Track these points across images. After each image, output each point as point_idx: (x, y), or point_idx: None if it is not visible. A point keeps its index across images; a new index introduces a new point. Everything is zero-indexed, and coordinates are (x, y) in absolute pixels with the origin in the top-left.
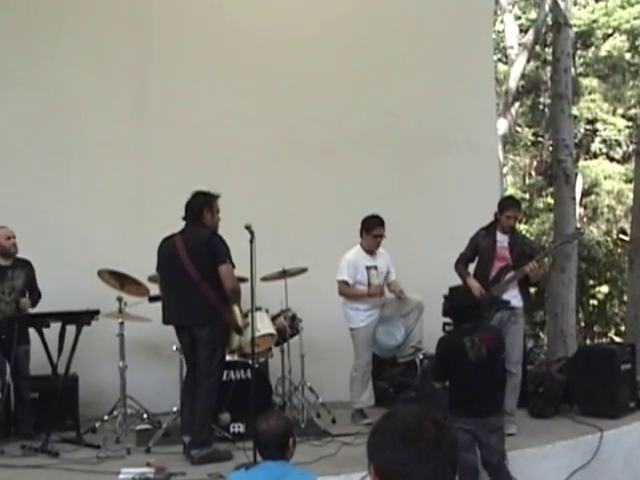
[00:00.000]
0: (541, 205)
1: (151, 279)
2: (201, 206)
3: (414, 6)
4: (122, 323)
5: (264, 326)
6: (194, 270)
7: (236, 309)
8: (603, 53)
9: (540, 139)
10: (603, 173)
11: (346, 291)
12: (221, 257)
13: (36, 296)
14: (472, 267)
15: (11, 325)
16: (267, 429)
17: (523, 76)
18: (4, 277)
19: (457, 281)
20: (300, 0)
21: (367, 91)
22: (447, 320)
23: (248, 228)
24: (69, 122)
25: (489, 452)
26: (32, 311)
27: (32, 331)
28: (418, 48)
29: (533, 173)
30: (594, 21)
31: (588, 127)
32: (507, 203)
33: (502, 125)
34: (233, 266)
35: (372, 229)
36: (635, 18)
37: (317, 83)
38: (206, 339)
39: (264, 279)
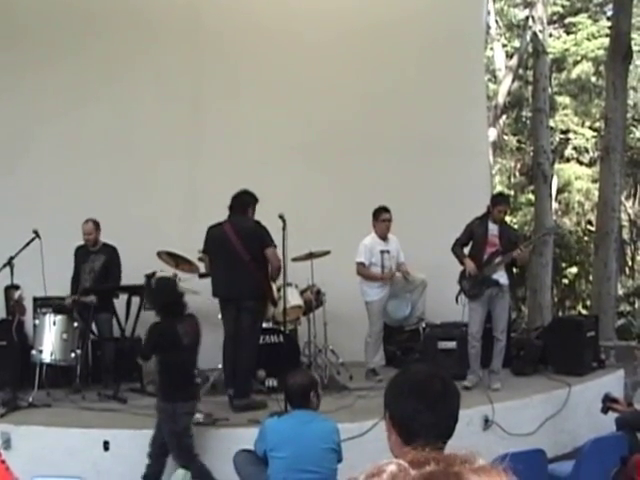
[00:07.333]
0: (523, 200)
1: (200, 259)
2: (250, 203)
3: (421, 35)
4: None
5: (294, 299)
6: (244, 252)
7: (272, 285)
8: (573, 76)
9: (523, 145)
10: (574, 174)
11: (363, 272)
12: (268, 242)
13: (112, 278)
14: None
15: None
16: (294, 382)
17: (509, 93)
18: (87, 259)
19: (453, 262)
20: (329, 40)
21: (383, 106)
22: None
23: (281, 217)
24: (137, 130)
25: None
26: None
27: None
28: (425, 71)
29: (517, 174)
30: (566, 50)
31: (562, 136)
32: (499, 199)
33: (492, 133)
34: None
35: (379, 215)
36: (598, 48)
37: (341, 100)
38: (251, 309)
39: (294, 260)
